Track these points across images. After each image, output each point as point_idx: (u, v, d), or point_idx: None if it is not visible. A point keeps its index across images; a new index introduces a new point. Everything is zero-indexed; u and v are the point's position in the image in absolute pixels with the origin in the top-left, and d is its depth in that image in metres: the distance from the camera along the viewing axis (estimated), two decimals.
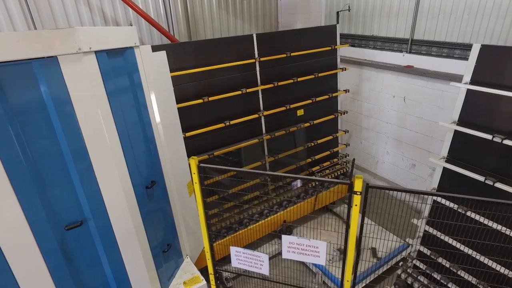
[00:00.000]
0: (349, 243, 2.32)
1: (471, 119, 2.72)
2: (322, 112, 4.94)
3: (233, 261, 2.75)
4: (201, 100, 3.83)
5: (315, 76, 4.59)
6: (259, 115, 4.34)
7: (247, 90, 4.10)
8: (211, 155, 3.96)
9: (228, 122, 4.03)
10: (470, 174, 2.66)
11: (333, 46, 4.70)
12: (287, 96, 4.59)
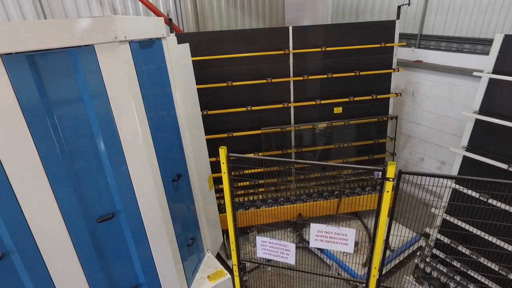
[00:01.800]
0: (379, 230, 2.35)
1: (492, 109, 2.77)
2: (366, 113, 4.55)
3: (259, 251, 2.76)
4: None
5: (356, 74, 4.32)
6: (283, 105, 4.37)
7: (273, 80, 4.24)
8: (230, 135, 4.35)
9: (250, 107, 4.30)
10: (492, 162, 2.71)
11: (383, 43, 4.27)
12: (323, 91, 4.43)
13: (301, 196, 4.63)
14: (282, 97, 4.39)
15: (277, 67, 4.27)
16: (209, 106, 4.17)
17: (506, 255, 2.70)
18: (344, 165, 2.26)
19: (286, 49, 4.17)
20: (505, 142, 2.72)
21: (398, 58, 5.39)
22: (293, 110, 4.47)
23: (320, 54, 4.28)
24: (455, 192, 3.09)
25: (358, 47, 4.26)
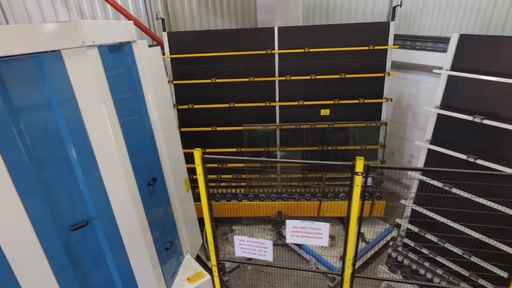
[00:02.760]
0: (351, 223, 2.45)
1: (452, 103, 2.96)
2: (357, 117, 4.43)
3: (237, 250, 2.80)
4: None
5: (341, 77, 4.21)
6: (265, 104, 4.45)
7: (255, 79, 4.35)
8: (214, 129, 4.55)
9: (233, 104, 4.44)
10: (453, 153, 2.89)
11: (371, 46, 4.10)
12: (309, 92, 4.40)
13: (282, 195, 4.72)
14: (268, 96, 4.47)
15: (262, 66, 4.37)
16: (195, 100, 4.46)
17: (468, 240, 2.88)
18: (311, 162, 2.34)
19: (272, 49, 4.25)
20: (464, 134, 2.91)
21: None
22: (279, 110, 4.55)
23: (306, 55, 4.25)
24: (421, 183, 3.26)
25: (343, 49, 4.15)
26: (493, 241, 2.73)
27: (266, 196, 4.72)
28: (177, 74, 4.42)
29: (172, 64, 4.36)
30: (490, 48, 2.67)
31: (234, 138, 4.66)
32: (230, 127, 4.56)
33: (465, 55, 2.82)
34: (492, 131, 2.71)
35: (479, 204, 2.76)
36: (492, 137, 2.75)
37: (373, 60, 4.20)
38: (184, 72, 4.41)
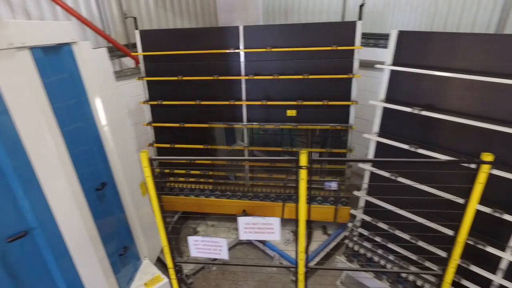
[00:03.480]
0: (300, 216, 2.51)
1: (394, 96, 3.10)
2: (325, 119, 4.34)
3: (192, 251, 2.79)
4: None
5: (304, 77, 4.13)
6: (230, 102, 4.47)
7: (219, 77, 4.40)
8: (182, 125, 4.65)
9: (199, 101, 4.52)
10: (397, 144, 3.03)
11: (335, 46, 3.96)
12: (275, 92, 4.38)
13: (247, 193, 4.75)
14: (235, 95, 4.50)
15: (229, 65, 4.39)
16: (167, 97, 4.61)
17: (414, 225, 3.04)
18: (256, 158, 2.37)
19: (237, 48, 4.27)
20: (407, 125, 3.07)
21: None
22: (245, 109, 4.57)
23: (271, 54, 4.22)
24: (372, 174, 3.40)
25: (305, 49, 4.08)
26: (435, 225, 2.90)
27: (232, 194, 4.76)
28: (149, 71, 4.62)
29: (145, 61, 4.58)
30: (425, 43, 2.82)
31: (205, 135, 4.76)
32: (196, 124, 4.64)
33: (403, 51, 2.97)
34: (430, 122, 2.87)
35: (422, 191, 2.91)
36: (430, 127, 2.91)
37: (340, 60, 4.08)
38: (156, 69, 4.59)
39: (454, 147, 2.82)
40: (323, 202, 4.43)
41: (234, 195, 4.75)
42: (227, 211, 4.79)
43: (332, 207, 4.34)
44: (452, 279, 2.65)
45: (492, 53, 2.48)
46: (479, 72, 2.54)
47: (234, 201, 4.72)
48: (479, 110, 2.62)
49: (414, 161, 2.29)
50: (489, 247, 2.75)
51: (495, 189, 2.68)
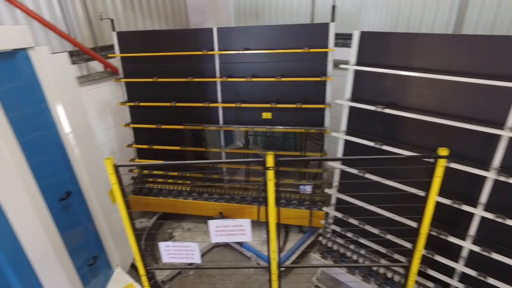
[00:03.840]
0: (270, 216, 2.54)
1: (359, 95, 3.19)
2: (300, 122, 4.28)
3: (164, 257, 2.76)
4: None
5: (277, 80, 4.09)
6: (205, 104, 4.48)
7: (194, 79, 4.41)
8: (159, 126, 4.73)
9: (175, 103, 4.55)
10: (363, 141, 3.12)
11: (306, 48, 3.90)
12: (250, 94, 4.35)
13: (223, 196, 4.74)
14: (210, 97, 4.50)
15: (204, 67, 4.40)
16: (144, 98, 4.68)
17: (383, 220, 3.14)
18: (224, 161, 2.38)
19: (211, 50, 4.25)
20: (372, 123, 3.16)
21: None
22: (222, 111, 4.56)
23: (245, 56, 4.19)
24: (342, 172, 3.47)
25: (277, 51, 4.04)
26: (400, 218, 3.00)
27: (209, 196, 4.77)
28: (127, 72, 4.67)
29: (122, 62, 4.63)
30: (385, 43, 2.92)
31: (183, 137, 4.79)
32: (172, 126, 4.65)
33: (366, 51, 3.05)
34: (393, 119, 2.97)
35: (389, 186, 3.01)
36: (393, 124, 3.02)
37: (314, 63, 4.01)
38: (133, 70, 4.64)
39: (416, 142, 2.94)
40: (298, 205, 4.45)
41: (211, 197, 4.75)
42: (204, 213, 4.77)
43: (307, 211, 4.35)
44: (418, 269, 2.76)
45: (447, 52, 2.60)
46: (435, 71, 2.66)
47: (211, 203, 4.72)
48: (437, 107, 2.74)
49: (376, 158, 2.37)
50: (451, 237, 2.88)
51: (455, 182, 2.82)
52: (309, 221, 4.39)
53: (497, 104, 2.47)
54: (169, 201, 4.81)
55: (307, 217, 4.35)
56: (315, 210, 4.33)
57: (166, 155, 4.88)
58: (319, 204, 4.38)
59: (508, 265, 2.60)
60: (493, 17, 3.93)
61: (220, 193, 4.78)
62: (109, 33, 5.53)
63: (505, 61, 2.38)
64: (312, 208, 4.35)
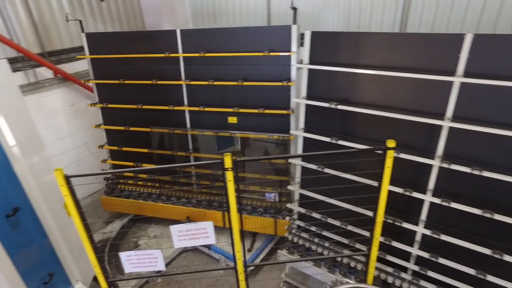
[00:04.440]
0: (232, 215, 2.55)
1: (314, 93, 3.29)
2: (265, 128, 4.13)
3: (126, 267, 2.68)
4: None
5: (239, 84, 3.98)
6: (169, 107, 4.44)
7: (158, 82, 4.35)
8: (127, 128, 4.74)
9: (141, 105, 4.55)
10: (320, 137, 3.23)
11: (267, 52, 3.76)
12: (214, 98, 4.27)
13: (191, 200, 4.68)
14: (176, 100, 4.45)
15: (169, 69, 4.33)
16: (113, 99, 4.68)
17: (344, 211, 3.26)
18: (181, 165, 2.36)
19: (174, 52, 4.19)
20: (328, 119, 3.28)
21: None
22: (188, 114, 4.50)
23: (210, 59, 4.10)
24: (303, 168, 3.57)
25: (237, 54, 3.93)
26: (358, 209, 3.15)
27: (177, 200, 4.73)
28: (96, 74, 4.65)
29: (92, 63, 4.62)
30: (334, 42, 3.04)
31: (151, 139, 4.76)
32: (140, 128, 4.66)
33: (317, 50, 3.16)
34: (346, 115, 3.11)
35: (346, 179, 3.14)
36: (347, 119, 3.15)
37: (277, 66, 3.84)
38: (101, 72, 4.63)
39: (369, 136, 3.09)
40: (264, 213, 4.33)
41: (179, 202, 4.71)
42: (173, 217, 4.70)
43: (271, 219, 4.27)
44: (377, 256, 2.91)
45: (390, 50, 2.76)
46: (381, 67, 2.81)
47: (178, 207, 4.67)
48: (385, 101, 2.90)
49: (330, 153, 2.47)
50: (405, 223, 3.06)
51: (406, 171, 3.01)
52: (274, 230, 4.31)
53: (437, 96, 2.66)
54: (139, 203, 4.82)
55: (272, 226, 4.27)
56: (280, 219, 4.25)
57: (137, 157, 4.87)
58: (284, 213, 4.25)
59: (456, 245, 2.81)
60: (433, 17, 4.23)
61: (187, 197, 4.73)
62: (57, 38, 5.26)
63: (442, 56, 2.57)
64: (276, 216, 4.26)
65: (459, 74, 2.50)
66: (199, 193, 4.76)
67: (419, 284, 3.13)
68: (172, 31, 4.12)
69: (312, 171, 3.42)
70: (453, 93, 2.56)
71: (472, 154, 2.65)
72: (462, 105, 2.57)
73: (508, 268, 2.66)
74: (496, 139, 2.48)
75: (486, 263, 2.78)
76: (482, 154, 2.61)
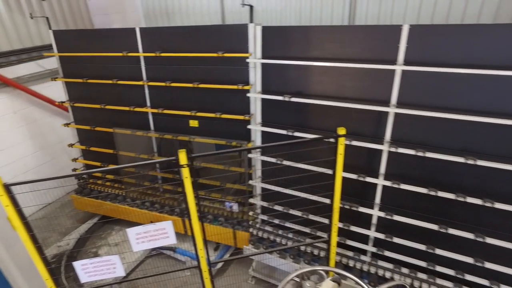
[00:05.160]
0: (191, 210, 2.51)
1: (269, 87, 3.34)
2: (226, 134, 3.84)
3: (82, 277, 2.54)
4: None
5: (195, 86, 3.76)
6: (130, 108, 4.30)
7: (118, 82, 4.23)
8: (93, 128, 4.69)
9: (104, 105, 4.45)
10: (276, 130, 3.28)
11: (221, 52, 3.48)
12: (176, 100, 4.06)
13: (154, 205, 4.54)
14: (139, 101, 4.30)
15: (132, 69, 4.16)
16: (80, 99, 4.65)
17: (303, 201, 3.34)
18: (135, 164, 2.29)
19: (135, 51, 4.03)
20: (283, 112, 3.34)
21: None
22: (151, 116, 4.35)
23: (168, 59, 3.89)
24: (264, 162, 3.60)
25: (190, 54, 3.70)
26: (316, 197, 3.24)
27: (141, 204, 4.61)
28: (65, 72, 4.60)
29: (60, 62, 4.56)
30: (285, 36, 3.10)
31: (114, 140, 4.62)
32: (103, 128, 4.57)
33: (269, 45, 3.20)
34: (301, 107, 3.19)
35: (304, 170, 3.22)
36: (302, 111, 3.23)
37: (234, 68, 3.56)
38: (69, 70, 4.58)
39: (323, 126, 3.20)
40: (224, 223, 4.12)
41: (143, 205, 4.59)
42: (138, 220, 4.55)
43: (230, 230, 4.04)
44: (337, 241, 3.01)
45: (336, 42, 2.87)
46: (329, 59, 2.92)
47: (142, 211, 4.52)
48: (335, 92, 3.02)
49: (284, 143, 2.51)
50: (362, 208, 3.21)
51: (359, 158, 3.15)
52: (234, 241, 4.10)
53: (382, 85, 2.82)
54: (105, 204, 4.74)
55: (232, 237, 4.07)
56: (240, 230, 4.00)
57: (104, 157, 4.79)
58: (244, 225, 4.03)
59: (407, 224, 2.99)
60: (377, 10, 4.46)
61: (152, 202, 4.58)
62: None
63: (384, 47, 2.72)
64: (236, 227, 4.04)
65: (400, 63, 2.66)
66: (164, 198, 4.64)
67: (378, 265, 3.30)
68: (131, 29, 3.95)
69: (272, 164, 3.46)
70: (396, 81, 2.72)
71: (417, 137, 2.84)
72: (405, 91, 2.74)
73: (453, 241, 2.89)
74: (436, 121, 2.67)
75: (434, 238, 2.99)
76: (425, 136, 2.80)
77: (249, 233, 3.89)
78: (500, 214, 2.68)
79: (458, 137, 2.68)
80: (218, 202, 4.22)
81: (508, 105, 2.44)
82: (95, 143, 4.82)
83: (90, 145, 4.84)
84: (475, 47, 2.43)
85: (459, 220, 2.88)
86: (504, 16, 3.92)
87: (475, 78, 2.47)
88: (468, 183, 2.76)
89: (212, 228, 4.11)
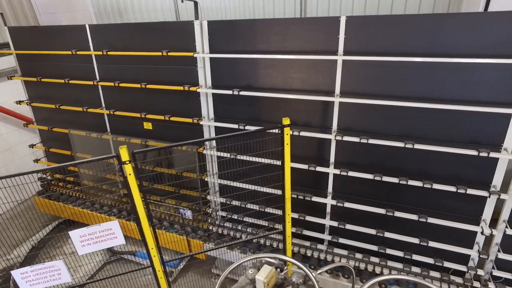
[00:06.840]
0: (139, 210, 2.44)
1: (219, 82, 3.32)
2: (180, 137, 3.67)
3: (23, 287, 2.39)
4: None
5: (142, 87, 3.60)
6: (83, 109, 4.15)
7: (70, 81, 4.10)
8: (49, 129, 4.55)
9: (59, 106, 4.30)
10: (229, 125, 3.28)
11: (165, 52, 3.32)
12: (134, 103, 3.89)
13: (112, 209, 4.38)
14: (94, 102, 4.14)
15: (84, 68, 4.02)
16: (37, 97, 4.57)
17: (259, 195, 3.36)
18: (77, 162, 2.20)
19: (86, 50, 3.88)
20: (235, 107, 3.34)
21: None
22: (107, 118, 4.19)
23: (119, 58, 3.73)
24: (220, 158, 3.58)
25: (133, 53, 3.56)
26: (269, 189, 3.28)
27: (109, 209, 4.41)
28: (22, 70, 4.47)
29: (18, 59, 4.41)
30: (232, 30, 3.10)
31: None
32: (59, 129, 4.44)
33: (217, 39, 3.19)
34: (251, 100, 3.20)
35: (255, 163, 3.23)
36: (252, 105, 3.25)
37: (182, 68, 3.42)
38: (26, 68, 4.44)
39: (273, 118, 3.24)
40: (179, 231, 3.94)
41: (101, 210, 4.42)
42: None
43: (184, 238, 3.85)
44: (294, 232, 3.06)
45: (281, 34, 2.91)
46: (274, 52, 2.95)
47: (102, 216, 4.31)
48: (283, 84, 3.06)
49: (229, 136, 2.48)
50: (315, 197, 3.28)
51: (310, 148, 3.21)
52: (188, 249, 3.89)
53: (326, 76, 2.89)
54: (67, 207, 4.56)
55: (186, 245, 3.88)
56: (194, 238, 3.82)
57: (66, 159, 4.64)
58: (198, 233, 3.88)
59: (357, 210, 3.09)
60: (327, 5, 4.58)
61: (110, 206, 4.42)
62: None
63: (326, 38, 2.79)
64: (189, 235, 3.87)
65: (340, 53, 2.74)
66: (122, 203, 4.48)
67: (334, 252, 3.39)
68: (82, 26, 3.77)
69: (227, 160, 3.46)
70: (338, 71, 2.80)
71: (361, 125, 2.94)
72: (347, 81, 2.83)
73: (400, 223, 3.03)
74: (378, 109, 2.79)
75: (383, 222, 3.12)
76: (369, 124, 2.91)
77: (202, 242, 3.75)
78: (439, 195, 2.84)
79: (398, 123, 2.81)
80: (173, 208, 4.08)
81: (442, 90, 2.59)
82: (55, 144, 4.70)
83: (50, 146, 4.73)
84: (406, 36, 2.56)
85: (404, 203, 3.03)
86: (440, 8, 4.17)
87: (410, 66, 2.60)
88: (410, 167, 2.90)
89: (167, 236, 3.92)
